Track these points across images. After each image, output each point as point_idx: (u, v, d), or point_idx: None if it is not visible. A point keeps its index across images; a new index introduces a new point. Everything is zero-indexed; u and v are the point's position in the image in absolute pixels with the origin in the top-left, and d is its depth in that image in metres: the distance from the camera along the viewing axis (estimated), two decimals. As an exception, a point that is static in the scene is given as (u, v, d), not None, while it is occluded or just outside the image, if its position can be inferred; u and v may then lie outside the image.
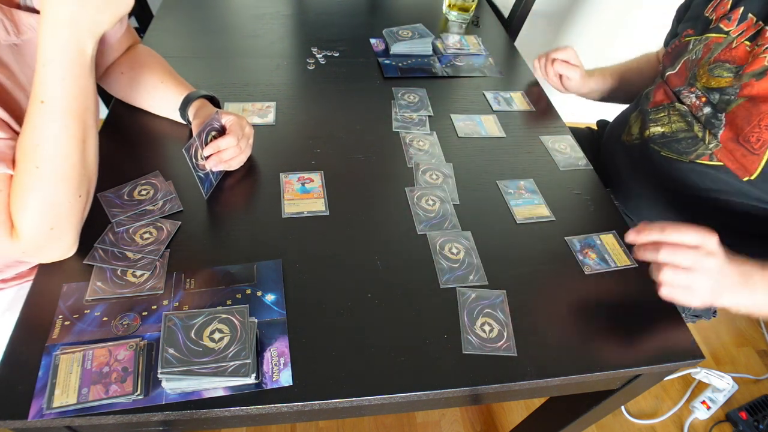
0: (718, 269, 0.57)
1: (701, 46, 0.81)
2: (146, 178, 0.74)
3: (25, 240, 0.57)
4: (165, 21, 1.12)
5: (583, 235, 0.75)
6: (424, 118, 0.93)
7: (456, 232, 0.73)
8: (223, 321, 0.55)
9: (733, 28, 0.78)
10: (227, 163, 0.75)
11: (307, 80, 1.00)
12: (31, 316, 0.58)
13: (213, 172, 0.74)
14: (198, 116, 0.77)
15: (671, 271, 0.57)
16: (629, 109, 1.00)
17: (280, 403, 0.54)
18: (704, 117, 0.78)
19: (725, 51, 0.77)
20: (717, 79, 0.77)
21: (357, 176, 0.81)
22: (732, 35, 0.78)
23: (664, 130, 0.85)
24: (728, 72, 0.76)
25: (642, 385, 0.68)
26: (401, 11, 1.28)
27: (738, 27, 0.77)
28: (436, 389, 0.57)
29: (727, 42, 0.78)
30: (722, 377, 1.36)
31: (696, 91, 0.80)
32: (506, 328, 0.63)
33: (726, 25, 0.79)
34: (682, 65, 0.85)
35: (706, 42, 0.81)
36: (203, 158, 0.72)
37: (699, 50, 0.81)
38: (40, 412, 0.50)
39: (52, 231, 0.58)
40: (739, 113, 0.74)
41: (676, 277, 0.57)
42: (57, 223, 0.59)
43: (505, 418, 1.34)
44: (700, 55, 0.81)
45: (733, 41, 0.77)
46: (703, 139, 0.79)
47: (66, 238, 0.61)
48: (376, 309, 0.63)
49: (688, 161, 0.81)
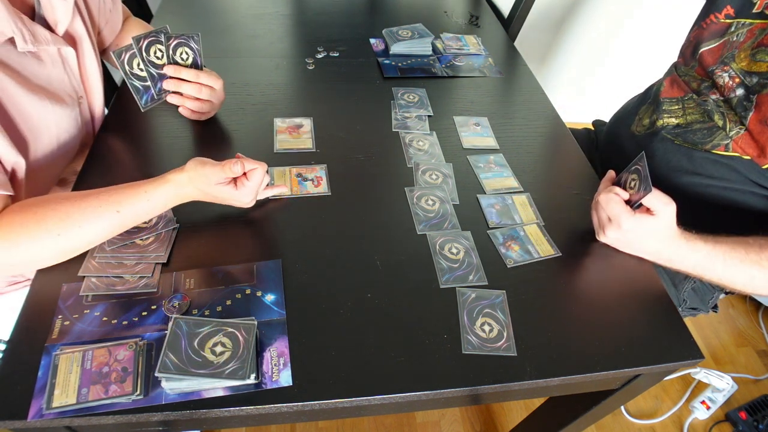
0: (646, 226, 0.68)
1: (745, 30, 0.80)
2: None
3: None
4: (164, 21, 1.12)
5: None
6: (423, 118, 0.93)
7: (456, 232, 0.73)
8: (228, 335, 0.55)
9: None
10: (183, 100, 0.75)
11: (307, 80, 1.00)
12: (30, 316, 0.58)
13: (157, 84, 0.71)
14: None
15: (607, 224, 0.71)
16: (637, 102, 1.00)
17: (279, 403, 0.54)
18: (736, 99, 0.78)
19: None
20: (759, 63, 0.77)
21: (357, 176, 0.81)
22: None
23: (679, 122, 0.86)
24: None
25: (642, 385, 0.68)
26: (401, 11, 1.28)
27: None
28: (436, 389, 0.57)
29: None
30: (722, 377, 1.36)
31: (730, 71, 0.80)
32: (506, 328, 0.63)
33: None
34: (720, 44, 0.84)
35: (750, 27, 0.80)
36: (153, 68, 0.70)
37: (742, 34, 0.81)
38: (39, 412, 0.50)
39: (15, 268, 0.63)
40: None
41: (610, 232, 0.71)
42: (30, 268, 0.62)
43: (504, 418, 1.34)
44: (743, 39, 0.81)
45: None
46: (723, 128, 0.79)
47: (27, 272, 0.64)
48: (376, 309, 0.63)
49: (703, 150, 0.82)
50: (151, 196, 0.61)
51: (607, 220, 0.71)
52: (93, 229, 0.59)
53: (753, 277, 0.68)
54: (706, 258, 0.69)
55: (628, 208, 0.68)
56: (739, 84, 0.79)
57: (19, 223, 0.57)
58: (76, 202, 0.59)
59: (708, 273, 0.70)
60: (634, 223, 0.68)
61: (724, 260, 0.68)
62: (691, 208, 0.72)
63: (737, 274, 0.69)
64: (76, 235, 0.59)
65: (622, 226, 0.68)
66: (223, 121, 0.87)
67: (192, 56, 0.73)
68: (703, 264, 0.69)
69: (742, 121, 0.77)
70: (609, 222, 0.71)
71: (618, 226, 0.69)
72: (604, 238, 0.73)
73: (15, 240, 0.56)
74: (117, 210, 0.59)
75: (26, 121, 0.64)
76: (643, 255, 0.73)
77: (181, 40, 0.71)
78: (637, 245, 0.72)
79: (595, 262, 0.73)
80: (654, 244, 0.70)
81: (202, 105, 0.80)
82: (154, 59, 0.70)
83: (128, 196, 0.60)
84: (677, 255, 0.70)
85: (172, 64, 0.71)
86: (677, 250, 0.69)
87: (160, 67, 0.71)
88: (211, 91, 0.79)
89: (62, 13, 0.68)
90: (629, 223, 0.68)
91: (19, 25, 0.60)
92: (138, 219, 0.63)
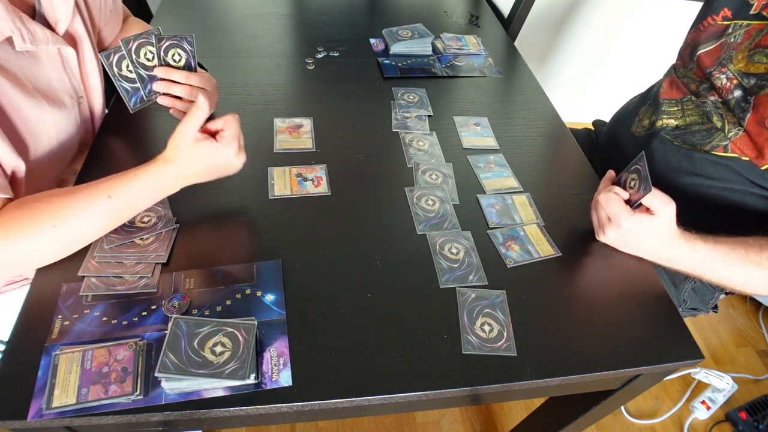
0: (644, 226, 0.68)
1: (742, 31, 0.81)
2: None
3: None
4: (164, 21, 1.12)
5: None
6: (423, 118, 0.93)
7: (456, 232, 0.73)
8: (228, 335, 0.55)
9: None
10: (174, 101, 0.74)
11: (307, 80, 1.00)
12: (30, 316, 0.58)
13: (147, 86, 0.71)
14: None
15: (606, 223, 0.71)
16: (637, 103, 1.00)
17: (279, 403, 0.54)
18: (734, 101, 0.78)
19: (766, 37, 0.77)
20: (756, 65, 0.77)
21: (357, 176, 0.80)
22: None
23: (678, 123, 0.86)
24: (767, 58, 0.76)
25: (642, 385, 0.68)
26: (401, 11, 1.28)
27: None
28: (436, 389, 0.57)
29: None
30: (722, 377, 1.36)
31: (727, 72, 0.80)
32: (506, 328, 0.63)
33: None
34: (718, 46, 0.84)
35: (747, 28, 0.80)
36: (143, 70, 0.70)
37: (739, 35, 0.81)
38: (39, 412, 0.50)
39: (17, 267, 0.62)
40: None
41: (610, 232, 0.71)
42: (31, 266, 0.62)
43: (504, 418, 1.34)
44: (740, 40, 0.81)
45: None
46: (722, 129, 0.79)
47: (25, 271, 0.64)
48: (376, 309, 0.63)
49: (702, 151, 0.82)
50: (140, 179, 0.61)
51: (606, 220, 0.71)
52: (87, 217, 0.59)
53: (753, 277, 0.68)
54: (705, 258, 0.69)
55: (628, 207, 0.68)
56: (736, 85, 0.79)
57: (15, 220, 0.57)
58: (70, 193, 0.60)
59: (708, 273, 0.70)
60: (633, 223, 0.68)
61: (723, 260, 0.68)
62: (691, 209, 0.72)
63: (737, 275, 0.69)
64: (71, 225, 0.59)
65: (621, 226, 0.68)
66: (223, 121, 0.87)
67: (185, 57, 0.73)
68: (703, 264, 0.69)
69: (740, 122, 0.77)
70: (609, 221, 0.71)
71: (618, 225, 0.69)
72: (604, 237, 0.73)
73: (13, 237, 0.57)
74: (108, 195, 0.60)
75: (25, 123, 0.64)
76: (643, 255, 0.73)
77: (173, 41, 0.71)
78: (637, 245, 0.72)
79: (595, 262, 0.73)
80: (653, 243, 0.70)
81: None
82: (144, 61, 0.70)
83: (119, 181, 0.61)
84: (677, 255, 0.70)
85: (162, 65, 0.71)
86: (677, 250, 0.69)
87: (150, 68, 0.71)
88: (202, 93, 0.78)
89: (63, 13, 0.68)
90: (629, 222, 0.68)
91: (17, 24, 0.60)
92: (130, 206, 0.62)
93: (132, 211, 0.64)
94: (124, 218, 0.63)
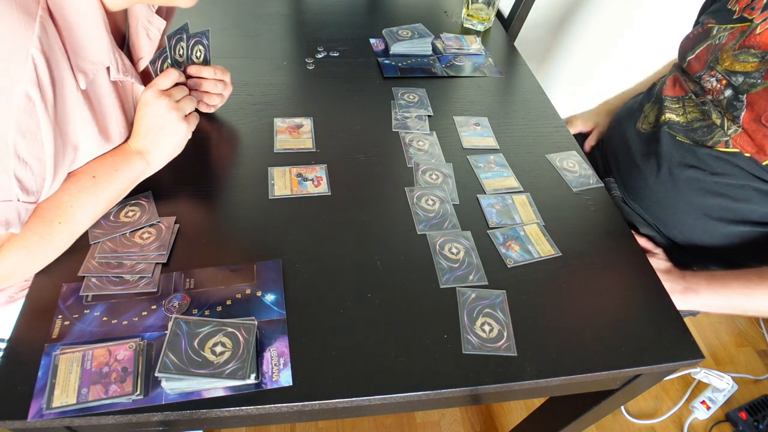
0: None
1: (726, 33, 0.82)
2: (136, 199, 0.70)
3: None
4: (165, 21, 1.12)
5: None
6: (423, 118, 0.93)
7: (456, 232, 0.73)
8: (228, 335, 0.55)
9: (757, 16, 0.78)
10: (200, 95, 0.77)
11: (307, 80, 1.00)
12: (30, 316, 0.58)
13: None
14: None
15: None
16: (642, 100, 1.00)
17: (279, 403, 0.54)
18: (726, 100, 0.79)
19: (750, 37, 0.78)
20: (742, 63, 0.78)
21: (357, 176, 0.81)
22: (756, 22, 0.78)
23: (680, 120, 0.87)
24: (753, 57, 0.77)
25: (642, 385, 0.68)
26: (401, 11, 1.28)
27: (762, 14, 0.78)
28: (436, 389, 0.57)
29: (751, 29, 0.78)
30: (722, 377, 1.36)
31: (717, 74, 0.81)
32: (506, 328, 0.63)
33: (749, 14, 0.80)
34: (703, 49, 0.85)
35: (731, 30, 0.81)
36: (177, 68, 0.71)
37: (723, 36, 0.82)
38: (39, 412, 0.50)
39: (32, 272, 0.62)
40: (764, 95, 0.74)
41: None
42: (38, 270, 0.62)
43: (504, 418, 1.34)
44: (724, 41, 0.82)
45: (757, 27, 0.77)
46: (721, 126, 0.80)
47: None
48: (376, 309, 0.63)
49: (705, 147, 0.82)
50: (117, 151, 0.65)
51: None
52: (80, 203, 0.61)
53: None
54: (718, 304, 0.78)
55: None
56: (726, 85, 0.80)
57: (28, 228, 0.58)
58: (64, 186, 0.61)
59: (727, 311, 0.79)
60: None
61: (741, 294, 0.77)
62: (699, 203, 0.72)
63: (761, 302, 0.76)
64: (71, 215, 0.60)
65: None
66: (224, 121, 0.87)
67: (203, 53, 0.74)
68: (718, 305, 0.79)
69: (736, 120, 0.78)
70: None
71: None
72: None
73: (31, 248, 0.58)
74: (93, 175, 0.62)
75: (75, 152, 0.62)
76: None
77: (197, 38, 0.72)
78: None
79: (595, 262, 0.73)
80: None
81: (218, 99, 0.83)
82: (177, 58, 0.71)
83: (99, 160, 0.63)
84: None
85: (190, 63, 0.73)
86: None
87: (182, 65, 0.72)
88: (224, 85, 0.81)
89: (147, 51, 0.67)
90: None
91: (116, 55, 0.60)
92: (115, 182, 0.64)
93: (117, 190, 0.65)
94: (112, 197, 0.65)
